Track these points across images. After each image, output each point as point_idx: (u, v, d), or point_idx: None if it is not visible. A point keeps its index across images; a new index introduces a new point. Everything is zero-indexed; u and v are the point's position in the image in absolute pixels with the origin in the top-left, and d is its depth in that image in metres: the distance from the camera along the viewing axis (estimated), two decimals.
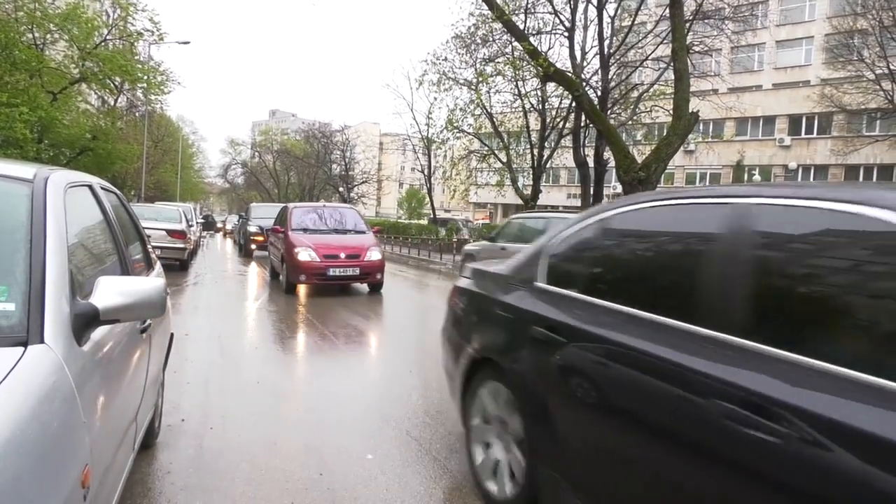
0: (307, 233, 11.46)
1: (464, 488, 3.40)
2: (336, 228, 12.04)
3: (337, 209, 13.15)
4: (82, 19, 18.42)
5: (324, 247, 11.05)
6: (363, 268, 11.16)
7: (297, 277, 10.87)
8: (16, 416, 1.34)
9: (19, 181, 2.07)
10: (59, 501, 1.35)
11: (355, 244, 11.46)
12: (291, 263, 10.89)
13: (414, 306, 12.00)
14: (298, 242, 11.04)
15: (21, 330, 1.63)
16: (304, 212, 12.36)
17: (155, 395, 3.46)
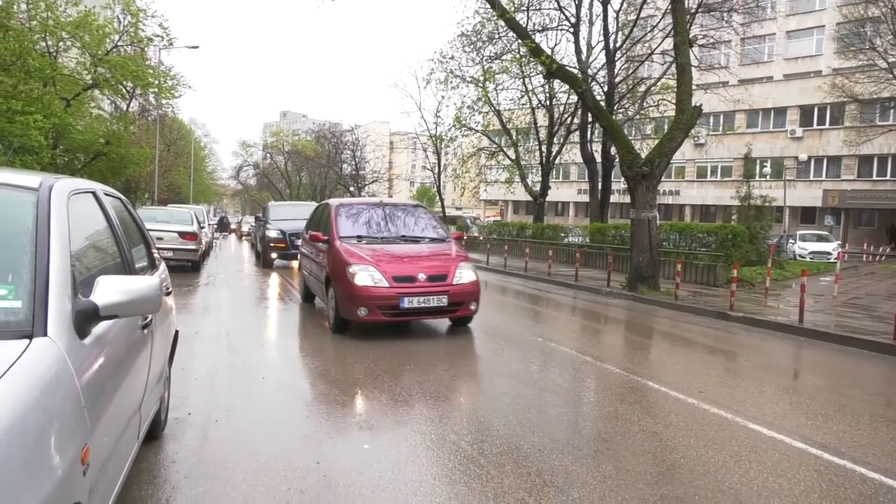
0: (362, 242, 8.15)
1: (454, 475, 3.56)
2: (404, 235, 8.64)
3: (402, 207, 9.50)
4: (94, 27, 18.74)
5: (392, 264, 7.60)
6: (453, 294, 7.55)
7: (354, 311, 7.34)
8: (21, 399, 1.52)
9: (26, 190, 2.26)
10: (58, 474, 1.52)
11: (437, 259, 8.02)
12: (345, 290, 7.44)
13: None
14: (353, 258, 7.60)
15: (27, 324, 1.81)
16: (354, 212, 8.97)
17: (160, 389, 3.65)
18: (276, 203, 22.89)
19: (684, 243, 16.87)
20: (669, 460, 3.87)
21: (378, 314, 7.34)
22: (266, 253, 17.18)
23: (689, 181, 44.23)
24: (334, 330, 7.75)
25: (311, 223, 10.29)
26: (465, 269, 7.90)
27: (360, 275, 7.36)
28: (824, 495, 3.40)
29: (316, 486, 3.38)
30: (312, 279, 9.51)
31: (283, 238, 16.45)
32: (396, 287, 7.34)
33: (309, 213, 17.23)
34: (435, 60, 25.39)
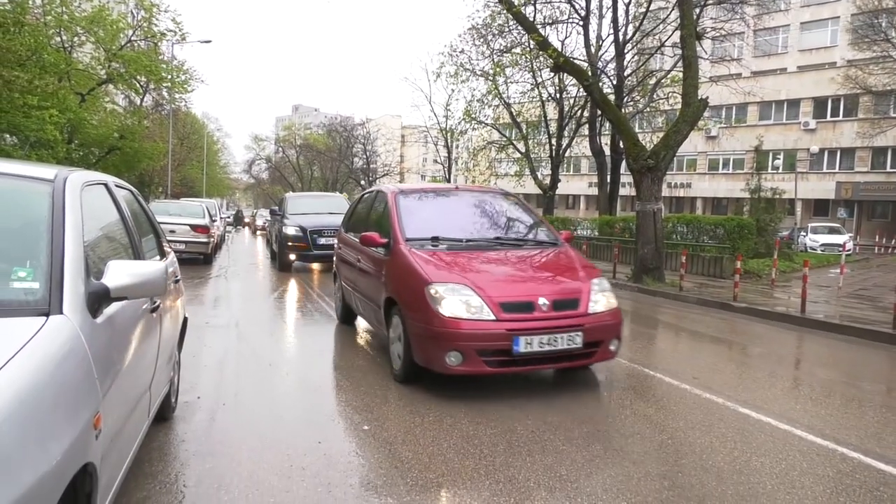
0: (440, 246, 5.63)
1: (447, 454, 3.73)
2: (499, 238, 6.04)
3: (485, 196, 6.86)
4: (108, 22, 19.03)
5: (496, 282, 5.12)
6: (589, 330, 4.98)
7: (438, 356, 4.79)
8: (40, 369, 1.71)
9: (42, 181, 2.45)
10: (73, 435, 1.70)
11: (558, 274, 5.45)
12: (422, 323, 4.92)
13: None
14: (435, 271, 5.13)
15: (44, 303, 1.99)
16: (422, 202, 6.57)
17: (169, 371, 3.84)
18: (295, 194, 19.50)
19: (692, 235, 16.91)
20: (657, 441, 4.01)
21: (478, 363, 4.68)
22: (283, 253, 14.19)
23: (700, 174, 44.05)
24: (401, 379, 5.20)
25: (352, 219, 7.79)
26: (602, 289, 5.29)
27: (450, 299, 4.78)
28: (804, 472, 3.54)
29: (317, 464, 3.56)
30: (360, 298, 6.66)
31: (303, 236, 13.76)
32: (507, 319, 4.73)
33: (334, 205, 15.42)
34: (445, 54, 25.52)
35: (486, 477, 3.40)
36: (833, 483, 3.45)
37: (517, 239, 6.14)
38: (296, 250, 13.98)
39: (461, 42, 24.61)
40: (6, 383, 1.55)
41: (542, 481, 3.36)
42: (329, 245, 12.89)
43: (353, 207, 8.29)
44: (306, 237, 13.79)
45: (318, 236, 13.68)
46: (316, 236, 13.73)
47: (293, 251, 14.02)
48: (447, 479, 3.37)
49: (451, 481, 3.35)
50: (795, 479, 3.46)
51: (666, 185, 31.43)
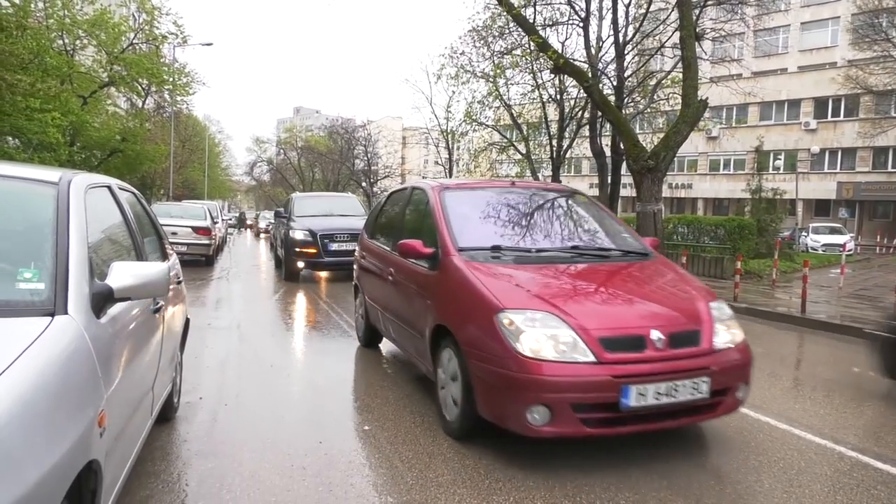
0: (504, 259, 4.37)
1: (447, 454, 3.76)
2: (577, 247, 4.73)
3: (550, 194, 5.48)
4: (109, 25, 19.10)
5: (590, 307, 3.92)
6: (717, 373, 3.70)
7: (517, 411, 3.51)
8: (45, 367, 1.74)
9: (47, 184, 2.49)
10: (78, 433, 1.74)
11: (666, 296, 4.26)
12: (493, 365, 3.63)
13: None
14: (506, 297, 3.83)
15: (49, 304, 2.03)
16: (474, 203, 5.16)
17: (172, 372, 3.88)
18: (303, 194, 17.39)
19: (692, 236, 16.94)
20: (652, 439, 4.04)
21: (573, 421, 3.45)
22: (290, 260, 12.51)
23: (701, 174, 44.05)
24: (459, 435, 3.97)
25: (378, 222, 6.55)
26: (724, 316, 4.00)
27: (531, 333, 3.54)
28: (801, 471, 3.57)
29: (317, 463, 3.60)
30: (392, 321, 5.38)
31: (312, 241, 12.20)
32: (612, 361, 3.50)
33: (347, 206, 14.31)
34: (446, 56, 25.50)
35: (486, 476, 3.43)
36: (831, 482, 3.47)
37: (600, 248, 4.78)
38: (304, 257, 12.29)
39: (462, 44, 24.60)
40: (13, 382, 1.58)
41: (540, 482, 3.39)
42: (342, 251, 11.89)
43: (378, 208, 6.87)
44: (316, 242, 12.16)
45: (330, 241, 12.16)
46: (327, 241, 12.15)
47: (301, 258, 12.32)
48: (447, 479, 3.40)
49: (451, 481, 3.38)
50: (793, 477, 3.49)
51: (666, 186, 31.42)
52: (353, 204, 15.08)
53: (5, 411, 1.48)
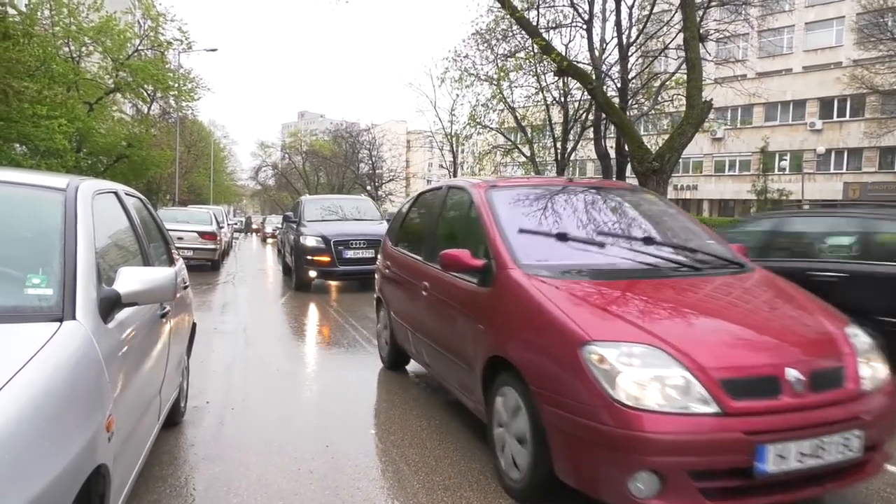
0: (578, 273, 3.45)
1: (453, 457, 3.76)
2: (664, 259, 3.73)
3: (614, 195, 4.57)
4: (115, 31, 19.23)
5: (707, 340, 2.94)
6: (872, 424, 2.80)
7: (620, 479, 2.64)
8: (54, 373, 1.76)
9: (54, 190, 2.51)
10: (86, 438, 1.75)
11: (791, 321, 3.23)
12: (580, 419, 2.76)
13: None
14: (593, 324, 2.94)
15: (57, 309, 2.05)
16: (529, 204, 4.25)
17: (179, 376, 3.90)
18: (314, 197, 15.76)
19: None
20: None
21: (691, 492, 2.62)
22: (301, 270, 11.52)
23: (706, 175, 43.95)
24: (524, 497, 3.18)
25: (404, 227, 5.82)
26: (865, 346, 3.11)
27: (631, 373, 2.72)
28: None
29: (324, 467, 3.60)
30: (428, 345, 4.58)
31: (325, 248, 11.16)
32: (741, 411, 2.66)
33: (362, 209, 13.41)
34: (449, 59, 25.59)
35: (493, 479, 3.43)
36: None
37: (691, 259, 3.82)
38: (316, 266, 11.35)
39: (465, 47, 24.68)
40: (23, 387, 1.60)
41: None
42: (359, 259, 11.16)
43: (404, 212, 6.00)
44: (330, 249, 11.12)
45: (345, 248, 11.17)
46: (342, 248, 11.16)
47: (313, 267, 11.37)
48: (454, 483, 3.40)
49: (457, 484, 3.38)
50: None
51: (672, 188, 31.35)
52: (368, 207, 14.08)
53: (15, 417, 1.50)
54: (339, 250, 11.17)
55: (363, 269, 10.11)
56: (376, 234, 10.64)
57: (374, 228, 11.72)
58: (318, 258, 11.25)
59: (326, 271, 11.43)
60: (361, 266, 10.82)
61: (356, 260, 11.19)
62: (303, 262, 11.44)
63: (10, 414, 1.49)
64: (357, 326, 8.04)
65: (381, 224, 12.01)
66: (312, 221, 12.21)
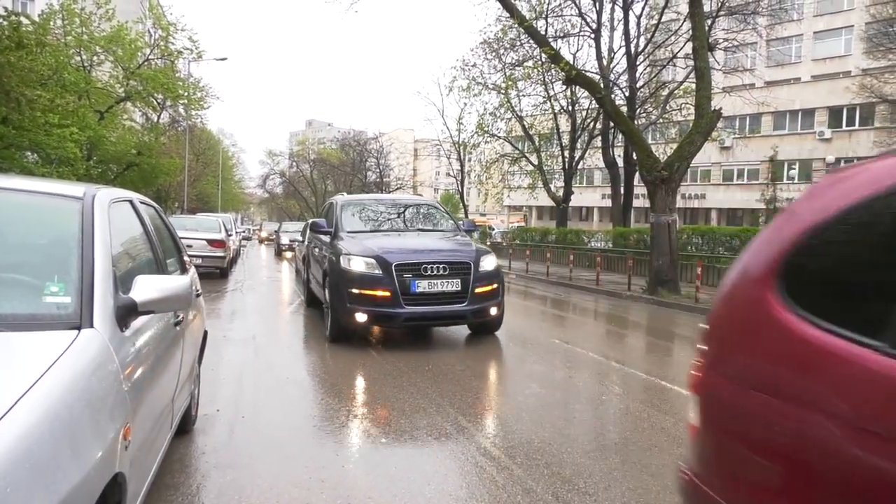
0: None
1: (465, 467, 3.74)
2: None
3: None
4: (126, 41, 19.43)
5: None
6: None
7: None
8: (73, 381, 1.76)
9: (72, 199, 2.53)
10: (104, 445, 1.75)
11: None
12: None
13: None
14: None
15: (75, 317, 2.05)
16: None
17: (191, 384, 3.90)
18: (355, 197, 10.39)
19: (707, 247, 16.84)
20: (676, 454, 4.00)
21: None
22: (342, 310, 7.38)
23: (714, 185, 43.82)
24: None
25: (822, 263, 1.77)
26: None
27: None
28: None
29: (335, 476, 3.59)
30: None
31: (382, 276, 7.22)
32: None
33: (430, 215, 9.42)
34: (457, 68, 25.75)
35: (503, 490, 3.41)
36: None
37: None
38: (368, 303, 7.17)
39: (473, 56, 24.83)
40: (42, 396, 1.60)
41: (560, 494, 3.37)
42: (438, 296, 7.21)
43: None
44: (390, 279, 7.14)
45: (415, 277, 7.19)
46: (410, 277, 7.18)
47: (362, 305, 7.19)
48: (464, 494, 3.39)
49: (468, 495, 3.37)
50: None
51: (680, 197, 31.27)
52: (438, 212, 9.72)
53: (35, 425, 1.50)
54: (405, 280, 7.11)
55: (444, 311, 6.99)
56: (462, 253, 7.46)
57: (456, 245, 7.97)
58: (370, 292, 7.14)
59: (385, 313, 7.17)
60: (441, 306, 7.15)
61: (434, 297, 7.18)
62: (345, 297, 7.24)
63: (30, 422, 1.49)
64: (367, 335, 8.01)
65: (464, 239, 8.46)
66: (356, 233, 8.26)
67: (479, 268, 7.30)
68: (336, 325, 7.54)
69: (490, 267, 7.50)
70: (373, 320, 7.30)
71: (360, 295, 7.18)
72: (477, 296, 7.22)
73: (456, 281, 7.16)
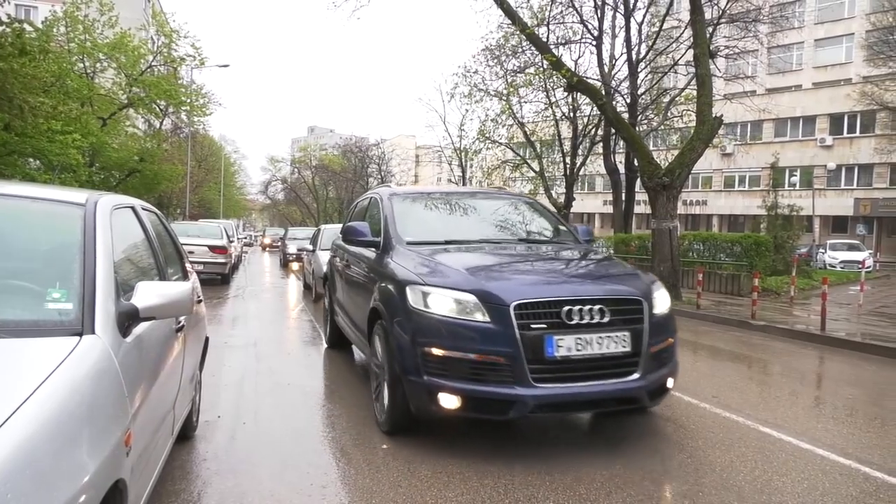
0: None
1: (465, 473, 3.74)
2: None
3: None
4: (129, 48, 19.53)
5: None
6: None
7: None
8: (74, 388, 1.76)
9: (74, 205, 2.54)
10: (106, 452, 1.75)
11: None
12: None
13: None
14: None
15: (77, 323, 2.06)
16: None
17: (192, 391, 3.90)
18: (411, 191, 7.36)
19: (708, 253, 16.84)
20: (677, 460, 3.99)
21: None
22: (414, 386, 4.09)
23: (716, 191, 43.86)
24: None
25: None
26: None
27: None
28: (826, 493, 3.50)
29: (337, 482, 3.59)
30: None
31: (495, 330, 3.90)
32: None
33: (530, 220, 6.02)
34: (459, 75, 25.77)
35: (506, 496, 3.40)
36: (856, 502, 3.41)
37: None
38: (462, 377, 3.98)
39: (475, 63, 24.84)
40: (43, 402, 1.60)
41: (561, 500, 3.36)
42: (594, 362, 4.00)
43: None
44: (508, 333, 3.90)
45: (555, 329, 3.95)
46: (544, 330, 3.94)
47: (453, 378, 3.98)
48: (467, 499, 3.38)
49: (470, 500, 3.36)
50: (818, 498, 3.43)
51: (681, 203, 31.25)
52: (538, 213, 6.25)
53: (36, 432, 1.50)
54: (534, 335, 3.93)
55: (604, 389, 4.02)
56: (623, 282, 4.53)
57: (602, 267, 5.02)
58: (466, 355, 3.99)
59: (495, 397, 3.94)
60: (598, 382, 4.03)
61: (585, 364, 4.02)
62: (417, 361, 4.12)
63: (32, 429, 1.50)
64: None
65: (604, 256, 5.78)
66: (421, 245, 5.05)
67: (654, 308, 4.29)
68: (397, 409, 4.30)
69: (666, 307, 4.55)
70: (472, 407, 3.97)
71: (448, 360, 3.97)
72: (653, 359, 4.19)
73: (623, 334, 4.02)
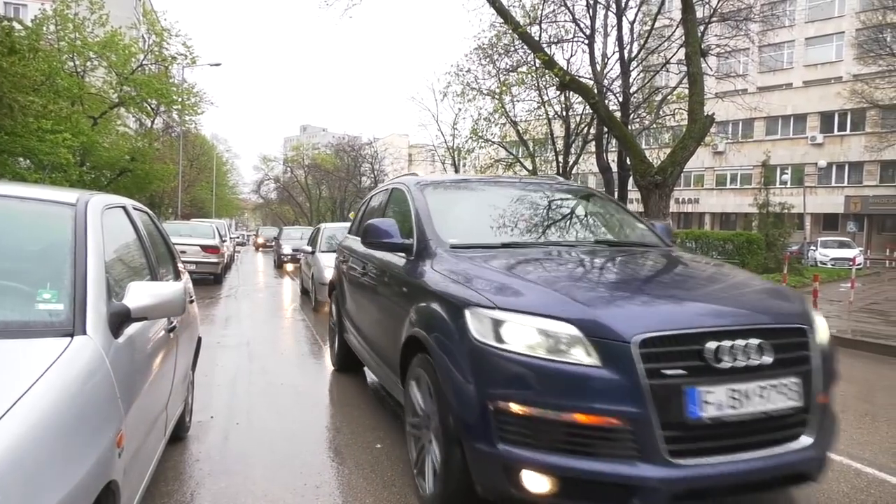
0: None
1: None
2: None
3: None
4: (120, 46, 19.41)
5: None
6: None
7: None
8: (65, 388, 1.75)
9: (65, 205, 2.52)
10: (97, 454, 1.74)
11: None
12: None
13: None
14: None
15: (68, 324, 2.04)
16: None
17: (185, 391, 3.89)
18: (450, 179, 6.16)
19: (700, 251, 16.91)
20: None
21: None
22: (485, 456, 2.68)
23: (708, 189, 44.05)
24: None
25: None
26: None
27: None
28: (816, 488, 3.52)
29: (331, 482, 3.58)
30: None
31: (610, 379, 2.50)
32: None
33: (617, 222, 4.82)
34: (451, 73, 25.75)
35: None
36: (847, 499, 3.44)
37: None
38: (558, 448, 2.54)
39: (467, 62, 24.82)
40: (34, 403, 1.59)
41: None
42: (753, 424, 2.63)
43: None
44: (629, 383, 2.48)
45: (698, 376, 2.56)
46: (683, 380, 2.53)
47: (543, 449, 2.56)
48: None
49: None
50: (810, 494, 3.45)
51: (674, 201, 31.42)
52: (613, 208, 5.14)
53: (27, 433, 1.49)
54: (669, 386, 2.52)
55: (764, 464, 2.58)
56: (772, 299, 3.32)
57: (736, 282, 3.58)
58: (564, 416, 2.54)
59: (611, 478, 2.48)
60: (756, 453, 2.61)
61: (741, 428, 2.62)
62: (488, 420, 2.68)
63: (22, 430, 1.48)
64: None
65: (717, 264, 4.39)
66: (471, 250, 3.68)
67: (819, 338, 3.17)
68: (454, 488, 2.95)
69: (828, 335, 3.38)
70: (572, 493, 2.58)
71: (534, 421, 2.64)
72: (823, 412, 3.10)
73: (791, 380, 2.80)
